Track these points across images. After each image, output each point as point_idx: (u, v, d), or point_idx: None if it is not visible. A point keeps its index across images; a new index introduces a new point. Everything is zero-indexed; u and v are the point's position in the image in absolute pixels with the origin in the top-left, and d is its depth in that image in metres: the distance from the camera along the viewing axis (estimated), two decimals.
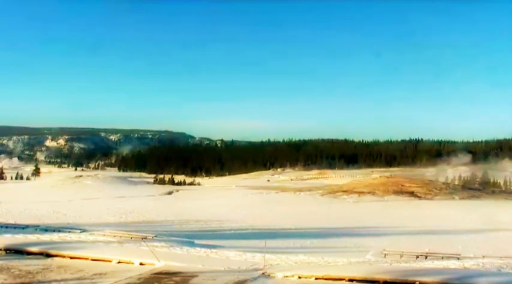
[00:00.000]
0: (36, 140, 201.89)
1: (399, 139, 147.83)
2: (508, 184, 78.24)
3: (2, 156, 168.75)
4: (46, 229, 18.18)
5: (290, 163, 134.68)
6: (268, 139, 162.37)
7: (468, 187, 69.21)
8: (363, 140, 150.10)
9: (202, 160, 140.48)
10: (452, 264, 12.31)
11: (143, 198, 56.10)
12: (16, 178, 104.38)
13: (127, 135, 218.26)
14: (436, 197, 58.09)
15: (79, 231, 17.70)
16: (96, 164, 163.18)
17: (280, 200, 52.88)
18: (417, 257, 14.84)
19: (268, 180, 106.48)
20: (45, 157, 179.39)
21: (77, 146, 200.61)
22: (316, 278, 9.19)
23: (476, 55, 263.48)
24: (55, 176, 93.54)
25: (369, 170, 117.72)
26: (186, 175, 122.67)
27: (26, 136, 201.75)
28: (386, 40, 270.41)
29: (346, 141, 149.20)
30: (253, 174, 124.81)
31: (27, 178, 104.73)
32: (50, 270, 9.14)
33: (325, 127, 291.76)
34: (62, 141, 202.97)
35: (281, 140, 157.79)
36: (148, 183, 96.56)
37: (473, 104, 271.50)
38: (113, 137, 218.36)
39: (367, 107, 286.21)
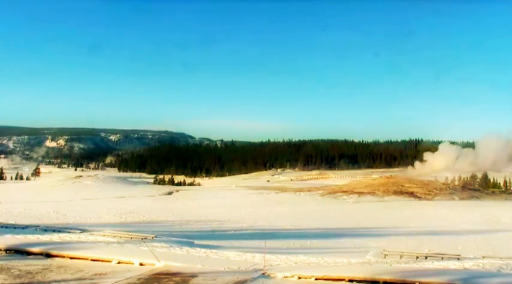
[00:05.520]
0: (36, 140, 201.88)
1: (399, 140, 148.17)
2: (507, 184, 78.19)
3: (2, 156, 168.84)
4: (46, 229, 18.20)
5: (290, 164, 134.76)
6: (268, 139, 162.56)
7: (468, 188, 69.19)
8: (363, 140, 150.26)
9: (202, 160, 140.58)
10: (452, 265, 12.31)
11: (143, 198, 56.09)
12: (16, 178, 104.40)
13: (127, 135, 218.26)
14: (436, 197, 58.10)
15: (79, 231, 17.71)
16: (96, 164, 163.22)
17: (280, 200, 52.88)
18: (417, 257, 14.83)
19: (268, 180, 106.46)
20: (45, 157, 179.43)
21: (77, 146, 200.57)
22: (316, 279, 9.19)
23: (476, 55, 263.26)
24: (55, 176, 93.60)
25: (369, 170, 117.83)
26: (186, 175, 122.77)
27: (26, 136, 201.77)
28: (387, 40, 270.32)
29: (346, 141, 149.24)
30: (253, 174, 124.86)
31: (27, 178, 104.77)
32: (50, 270, 9.14)
33: (325, 127, 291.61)
34: (62, 141, 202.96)
35: (281, 140, 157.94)
36: (148, 183, 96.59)
37: (473, 104, 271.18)
38: (112, 137, 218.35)
39: (367, 107, 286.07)
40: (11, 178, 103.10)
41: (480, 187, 72.91)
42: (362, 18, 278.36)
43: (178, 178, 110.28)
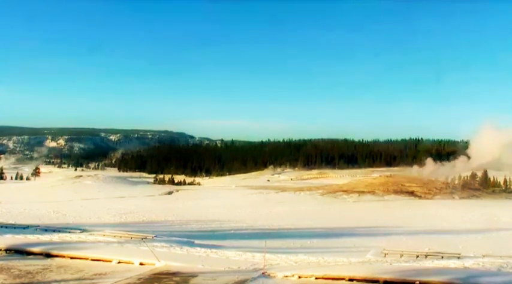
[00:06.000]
0: (36, 140, 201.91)
1: (399, 139, 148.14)
2: (508, 183, 78.13)
3: (2, 156, 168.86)
4: (46, 229, 18.19)
5: (290, 163, 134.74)
6: (268, 139, 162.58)
7: (468, 187, 69.14)
8: (362, 140, 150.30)
9: (202, 160, 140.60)
10: (453, 264, 12.31)
11: (143, 198, 56.09)
12: (16, 178, 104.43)
13: (127, 135, 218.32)
14: (436, 196, 58.10)
15: (79, 231, 17.70)
16: (96, 164, 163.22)
17: (280, 200, 52.88)
18: (417, 256, 14.83)
19: (268, 180, 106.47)
20: (45, 157, 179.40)
21: (77, 146, 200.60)
22: (316, 278, 9.18)
23: (476, 55, 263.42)
24: (55, 176, 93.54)
25: (369, 170, 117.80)
26: (186, 175, 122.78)
27: (26, 136, 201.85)
28: (387, 40, 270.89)
29: (346, 141, 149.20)
30: (253, 173, 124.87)
31: (27, 178, 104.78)
32: (50, 270, 9.14)
33: (325, 127, 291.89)
34: (62, 141, 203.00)
35: (281, 140, 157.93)
36: (148, 183, 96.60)
37: (473, 104, 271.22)
38: (112, 137, 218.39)
39: (367, 107, 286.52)
40: (11, 178, 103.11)
41: (480, 186, 72.82)
42: (362, 18, 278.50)
43: (178, 178, 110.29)
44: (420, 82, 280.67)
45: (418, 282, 8.56)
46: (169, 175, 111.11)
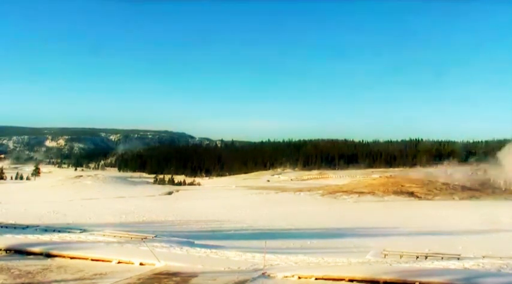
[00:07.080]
0: (36, 140, 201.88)
1: (399, 139, 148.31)
2: (508, 184, 77.97)
3: (2, 156, 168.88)
4: (46, 229, 18.20)
5: (290, 163, 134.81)
6: (268, 139, 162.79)
7: (468, 188, 69.10)
8: (362, 140, 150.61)
9: (202, 160, 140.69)
10: (452, 264, 12.31)
11: (143, 198, 56.04)
12: (16, 178, 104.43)
13: (127, 135, 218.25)
14: (436, 197, 58.09)
15: (79, 231, 17.71)
16: (96, 164, 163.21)
17: (280, 200, 52.86)
18: (417, 257, 14.83)
19: (268, 180, 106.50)
20: (45, 157, 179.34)
21: (77, 146, 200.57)
22: (316, 279, 9.17)
23: (476, 55, 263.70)
24: (55, 176, 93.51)
25: (369, 170, 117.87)
26: (186, 175, 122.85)
27: (26, 136, 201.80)
28: (387, 40, 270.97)
29: (346, 141, 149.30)
30: (253, 174, 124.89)
31: (27, 178, 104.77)
32: (50, 270, 9.14)
33: (325, 127, 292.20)
34: (62, 141, 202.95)
35: (281, 140, 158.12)
36: (148, 183, 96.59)
37: (473, 104, 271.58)
38: (112, 137, 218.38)
39: (367, 107, 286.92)
40: (11, 178, 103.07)
41: (480, 187, 72.74)
42: (362, 18, 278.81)
43: (178, 178, 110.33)
44: (420, 83, 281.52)
45: (418, 283, 8.56)
46: (169, 176, 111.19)
